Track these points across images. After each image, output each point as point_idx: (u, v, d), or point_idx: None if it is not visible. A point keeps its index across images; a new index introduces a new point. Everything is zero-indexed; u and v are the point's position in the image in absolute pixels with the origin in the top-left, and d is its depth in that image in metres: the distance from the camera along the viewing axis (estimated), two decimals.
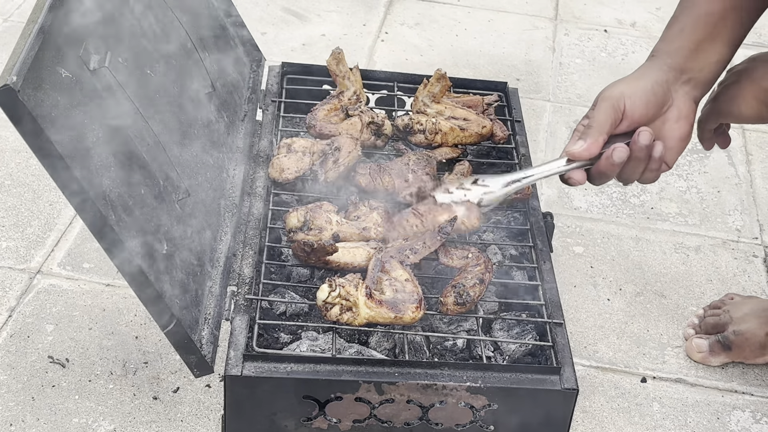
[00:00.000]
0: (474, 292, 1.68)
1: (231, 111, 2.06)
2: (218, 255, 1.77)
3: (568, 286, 2.29)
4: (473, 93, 2.25)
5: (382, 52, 3.14)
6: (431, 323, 1.82)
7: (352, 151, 1.90)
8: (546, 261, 1.86)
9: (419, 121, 2.06)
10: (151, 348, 1.96)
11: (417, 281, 1.71)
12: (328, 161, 1.90)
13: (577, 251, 2.40)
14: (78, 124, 1.35)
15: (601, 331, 2.17)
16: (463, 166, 2.03)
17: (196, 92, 1.88)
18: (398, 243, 1.77)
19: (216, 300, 1.68)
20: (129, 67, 1.59)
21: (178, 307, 1.50)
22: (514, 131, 2.20)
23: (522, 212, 2.03)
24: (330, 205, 1.86)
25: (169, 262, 1.51)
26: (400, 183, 1.92)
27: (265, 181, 1.96)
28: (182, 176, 1.65)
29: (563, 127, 2.95)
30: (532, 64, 3.18)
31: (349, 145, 1.91)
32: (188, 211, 1.66)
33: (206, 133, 1.87)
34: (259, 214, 1.89)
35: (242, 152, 2.03)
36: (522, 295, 1.89)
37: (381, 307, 1.62)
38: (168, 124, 1.68)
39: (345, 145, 1.91)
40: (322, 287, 1.63)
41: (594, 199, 2.63)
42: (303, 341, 1.73)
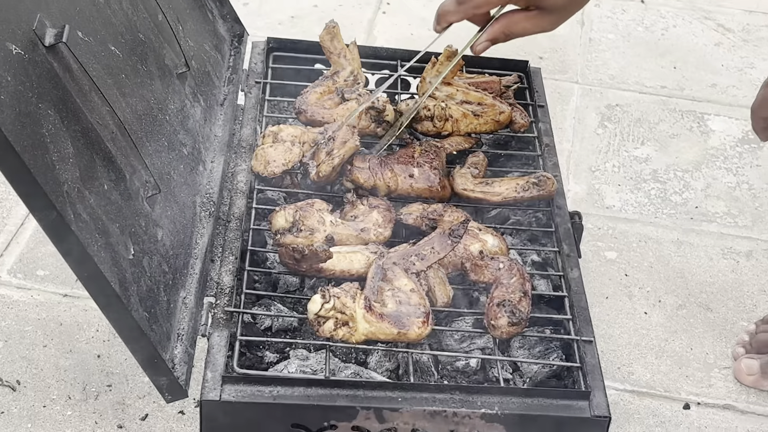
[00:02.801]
0: (524, 307, 1.70)
1: (208, 94, 2.06)
2: (193, 261, 1.77)
3: (599, 297, 2.30)
4: (489, 73, 2.24)
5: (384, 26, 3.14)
6: (440, 340, 1.82)
7: (348, 141, 1.90)
8: (573, 268, 1.86)
9: (427, 106, 2.06)
10: (116, 368, 1.95)
11: (424, 291, 1.71)
12: (320, 152, 1.90)
13: (610, 257, 2.41)
14: (30, 108, 1.34)
15: (638, 349, 2.18)
16: (478, 158, 2.03)
17: (169, 72, 1.87)
18: (402, 248, 1.77)
19: (191, 313, 1.68)
20: (90, 44, 1.58)
21: (147, 321, 1.50)
22: (536, 118, 2.20)
23: (546, 212, 2.02)
24: (323, 203, 1.85)
25: (136, 268, 1.51)
26: (404, 179, 1.92)
27: (247, 175, 1.96)
28: (152, 169, 1.64)
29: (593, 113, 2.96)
30: (558, 40, 3.18)
31: (344, 134, 1.91)
32: (158, 209, 1.65)
33: (180, 119, 1.86)
34: (241, 214, 1.88)
35: (221, 142, 2.03)
36: (545, 307, 1.89)
37: (382, 322, 1.62)
38: (135, 108, 1.67)
39: (340, 133, 1.91)
40: (313, 298, 1.63)
41: (629, 197, 2.64)
42: (292, 361, 1.73)
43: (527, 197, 1.97)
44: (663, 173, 2.85)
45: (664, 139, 3.01)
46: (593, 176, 2.82)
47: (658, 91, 3.19)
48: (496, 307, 1.70)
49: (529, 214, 2.08)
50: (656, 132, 3.04)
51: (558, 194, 2.01)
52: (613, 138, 2.99)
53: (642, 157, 2.93)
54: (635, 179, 2.82)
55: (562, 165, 2.73)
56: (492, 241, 1.85)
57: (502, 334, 1.70)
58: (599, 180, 2.81)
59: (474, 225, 1.89)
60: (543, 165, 2.12)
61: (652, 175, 2.85)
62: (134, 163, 1.59)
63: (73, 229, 1.34)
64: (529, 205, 2.03)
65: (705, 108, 3.13)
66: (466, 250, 1.82)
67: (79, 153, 1.43)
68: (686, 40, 3.41)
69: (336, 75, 2.11)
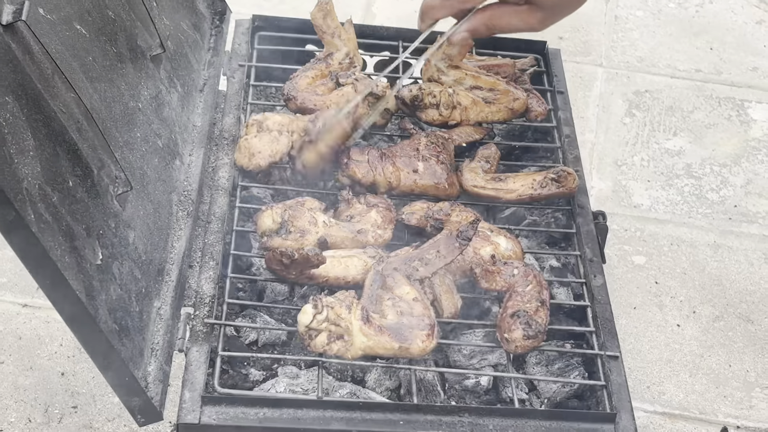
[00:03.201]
0: (540, 318, 1.70)
1: (186, 79, 2.05)
2: (169, 266, 1.77)
3: (626, 307, 2.30)
4: (502, 55, 2.24)
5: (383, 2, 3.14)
6: (447, 355, 1.81)
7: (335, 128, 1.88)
8: (597, 275, 1.86)
9: (432, 92, 2.05)
10: (82, 388, 1.95)
11: (428, 301, 1.71)
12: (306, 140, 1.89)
13: (638, 262, 2.42)
14: None
15: (669, 366, 2.18)
16: (489, 151, 2.02)
17: (141, 54, 1.87)
18: (404, 252, 1.77)
19: (166, 325, 1.68)
20: (53, 22, 1.57)
21: (117, 334, 1.50)
22: (555, 105, 2.20)
23: (566, 211, 2.02)
24: (315, 202, 1.85)
25: (104, 275, 1.50)
26: (407, 174, 1.92)
27: (230, 170, 1.95)
28: (122, 164, 1.63)
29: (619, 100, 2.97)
30: (580, 18, 3.18)
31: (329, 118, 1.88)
32: (130, 208, 1.65)
33: (154, 107, 1.86)
34: (223, 214, 1.88)
35: (201, 132, 2.03)
36: (566, 319, 1.89)
37: (381, 335, 1.62)
38: (104, 95, 1.66)
39: (323, 115, 1.89)
40: (304, 309, 1.62)
41: (659, 194, 2.67)
42: (280, 379, 1.73)
43: (545, 195, 1.97)
44: (698, 168, 2.85)
45: (700, 129, 3.01)
46: (619, 171, 2.83)
47: (693, 76, 3.19)
48: (510, 319, 1.70)
49: (548, 214, 2.07)
50: (690, 121, 3.04)
51: (580, 191, 2.01)
52: (641, 128, 2.99)
53: (674, 149, 2.93)
54: (667, 174, 2.82)
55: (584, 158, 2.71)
56: (505, 244, 1.85)
57: (516, 348, 1.70)
58: (626, 175, 2.81)
59: (485, 226, 1.89)
60: (563, 158, 2.12)
61: (686, 170, 2.86)
62: (103, 157, 1.59)
63: (34, 230, 1.33)
64: (548, 203, 2.02)
65: (745, 94, 3.13)
66: (476, 254, 1.82)
67: (40, 145, 1.42)
68: (724, 17, 3.40)
69: (329, 57, 2.11)
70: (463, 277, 1.84)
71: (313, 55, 2.22)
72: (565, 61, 2.37)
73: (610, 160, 2.86)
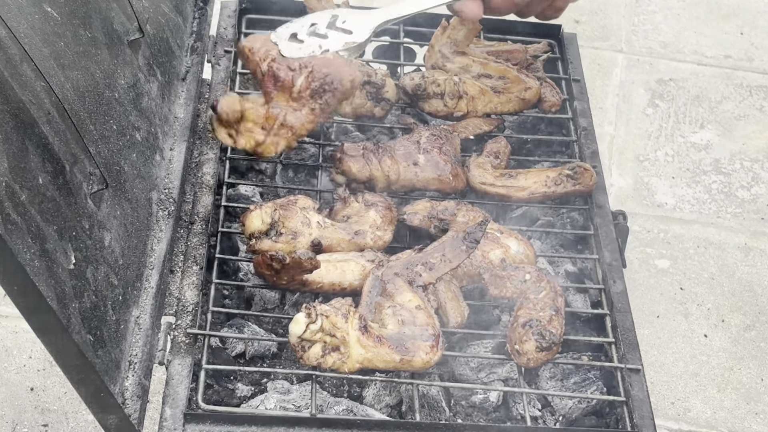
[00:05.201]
0: (555, 328, 1.71)
1: (167, 66, 2.05)
2: (149, 271, 1.76)
3: (649, 315, 2.32)
4: (513, 41, 2.24)
5: None
6: (452, 369, 1.81)
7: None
8: (617, 280, 1.86)
9: (436, 81, 2.05)
10: (53, 404, 1.95)
11: (432, 309, 1.70)
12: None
13: (662, 266, 2.43)
14: None
15: (696, 380, 2.18)
16: (499, 145, 2.03)
17: (118, 39, 1.86)
18: (406, 255, 1.77)
19: (145, 335, 1.67)
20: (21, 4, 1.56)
21: (91, 345, 1.49)
22: (571, 95, 2.20)
23: (582, 211, 2.02)
24: (308, 200, 1.85)
25: (78, 281, 1.50)
26: (406, 167, 1.91)
27: (215, 165, 1.95)
28: (97, 159, 1.63)
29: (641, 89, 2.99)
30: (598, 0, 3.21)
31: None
32: (106, 208, 1.65)
33: (132, 97, 1.86)
34: (207, 213, 1.88)
35: (183, 125, 2.02)
36: (582, 328, 1.88)
37: (381, 346, 1.62)
38: (77, 84, 1.66)
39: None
40: (296, 318, 1.62)
41: (685, 192, 2.68)
42: (270, 395, 1.73)
43: (560, 192, 1.97)
44: (727, 163, 2.86)
45: (729, 121, 3.02)
46: (641, 167, 2.83)
47: (721, 63, 3.19)
48: (522, 329, 1.71)
49: (563, 214, 2.07)
50: (718, 113, 3.05)
51: (598, 189, 2.01)
52: (665, 120, 3.00)
53: (701, 143, 2.94)
54: (693, 171, 2.83)
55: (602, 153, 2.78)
56: (516, 247, 1.85)
57: (528, 361, 1.70)
58: (649, 172, 2.82)
59: (494, 227, 1.89)
60: (579, 153, 2.12)
61: (714, 166, 2.87)
62: (76, 152, 1.58)
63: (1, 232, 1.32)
64: (563, 202, 2.03)
65: None
66: (485, 257, 1.82)
67: (7, 139, 1.42)
68: None
69: None
70: (470, 283, 1.84)
71: None
72: (582, 47, 2.36)
73: (631, 155, 2.87)
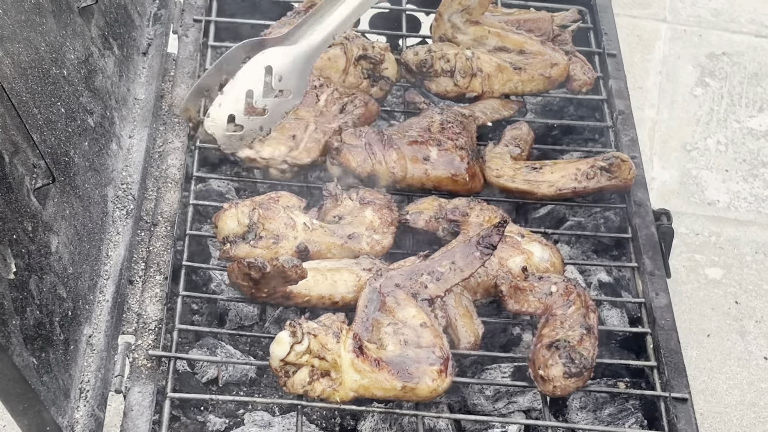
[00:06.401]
0: (586, 350, 1.66)
1: (125, 38, 2.03)
2: (103, 282, 1.73)
3: (698, 334, 2.24)
4: (536, 7, 2.21)
5: None
6: (464, 397, 1.76)
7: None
8: (659, 293, 1.81)
9: (444, 56, 2.01)
10: None
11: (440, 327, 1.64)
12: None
13: (713, 276, 2.34)
14: None
15: (754, 411, 2.12)
16: (520, 132, 1.99)
17: (67, 6, 1.82)
18: (409, 263, 1.71)
19: (100, 358, 1.63)
20: None
21: (35, 369, 1.45)
22: (605, 72, 2.18)
23: (619, 210, 1.98)
24: (293, 198, 1.81)
25: (18, 293, 1.46)
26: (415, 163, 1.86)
27: (182, 155, 1.92)
28: (42, 148, 1.59)
29: (688, 66, 2.88)
30: None
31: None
32: (52, 207, 1.61)
33: (83, 75, 1.82)
34: (173, 213, 1.84)
35: (144, 108, 2.00)
36: (619, 350, 1.83)
37: (380, 371, 1.57)
38: (18, 59, 1.61)
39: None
40: (279, 337, 1.57)
41: (741, 188, 2.59)
42: (248, 428, 1.69)
43: (592, 188, 1.91)
44: None
45: None
46: (688, 158, 2.80)
47: None
48: (547, 351, 1.64)
49: (596, 214, 2.01)
50: None
51: (637, 184, 1.95)
52: (717, 102, 2.98)
53: (760, 129, 2.91)
54: (750, 162, 2.80)
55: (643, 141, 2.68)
56: (540, 253, 1.80)
57: (555, 389, 1.64)
58: (697, 163, 2.78)
59: (513, 229, 1.82)
60: (615, 142, 2.06)
61: None
62: (16, 139, 1.54)
63: None
64: (595, 199, 1.97)
65: None
66: (503, 266, 1.76)
67: None
68: None
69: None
70: (485, 296, 1.80)
71: (291, 8, 2.18)
72: (618, 15, 2.32)
73: (677, 144, 2.79)
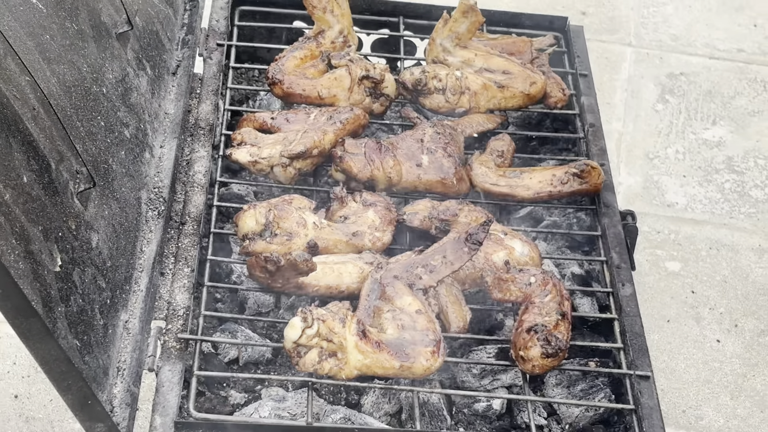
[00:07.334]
0: (561, 333, 1.71)
1: (157, 60, 2.06)
2: (138, 274, 1.77)
3: (659, 320, 2.30)
4: (517, 34, 2.25)
5: None
6: (454, 375, 1.82)
7: None
8: (625, 283, 1.87)
9: (437, 75, 2.05)
10: (38, 412, 1.96)
11: (433, 313, 1.71)
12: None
13: (672, 268, 2.42)
14: None
15: (708, 387, 2.18)
16: (503, 142, 2.03)
17: (106, 32, 1.87)
18: (406, 257, 1.78)
19: (134, 341, 1.68)
20: None
21: (78, 351, 1.49)
22: (577, 90, 2.21)
23: (590, 211, 2.03)
24: (304, 200, 1.86)
25: (64, 283, 1.50)
26: (409, 168, 1.92)
27: (207, 163, 1.96)
28: (84, 157, 1.63)
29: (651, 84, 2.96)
30: None
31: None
32: (93, 208, 1.65)
33: (120, 92, 1.86)
34: (199, 214, 1.88)
35: (173, 121, 2.03)
36: (590, 333, 1.89)
37: (380, 352, 1.63)
38: (63, 78, 1.66)
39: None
40: (292, 322, 1.63)
41: (696, 191, 2.66)
42: (264, 402, 1.73)
43: (566, 192, 1.98)
44: (740, 161, 2.85)
45: (742, 117, 3.01)
46: (651, 165, 2.83)
47: (734, 56, 3.19)
48: (527, 334, 1.71)
49: (569, 214, 2.07)
50: (731, 108, 3.04)
51: (606, 188, 2.01)
52: (676, 116, 2.99)
53: (713, 140, 2.93)
54: (705, 169, 2.82)
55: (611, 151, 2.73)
56: (521, 249, 1.86)
57: (534, 368, 1.71)
58: (659, 170, 2.82)
59: (498, 228, 1.88)
60: (587, 151, 2.13)
61: (727, 164, 2.85)
62: (62, 149, 1.58)
63: None
64: (569, 202, 2.03)
65: None
66: (488, 260, 1.82)
67: None
68: None
69: (321, 35, 2.12)
70: (472, 286, 1.84)
71: (302, 33, 2.23)
72: (589, 40, 2.38)
73: (641, 153, 2.86)
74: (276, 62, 2.08)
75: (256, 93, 2.21)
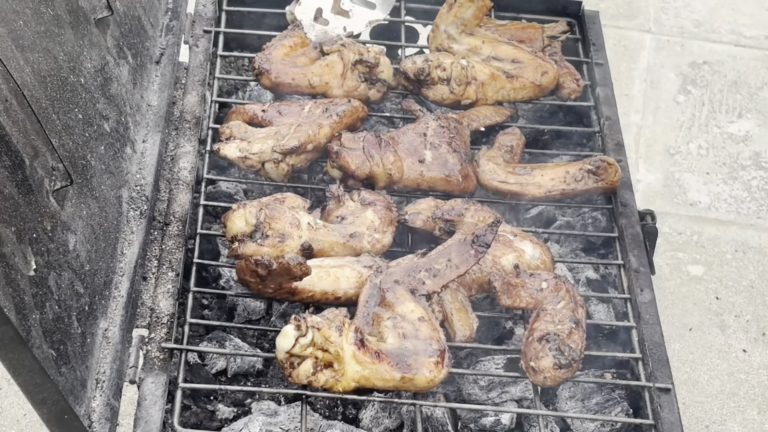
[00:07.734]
0: (575, 343, 1.69)
1: (139, 48, 2.05)
2: (118, 278, 1.76)
3: (680, 328, 2.27)
4: (528, 19, 2.25)
5: None
6: (460, 388, 1.80)
7: None
8: (644, 289, 1.85)
9: (441, 65, 2.04)
10: (11, 428, 1.93)
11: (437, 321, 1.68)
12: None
13: (695, 273, 2.39)
14: None
15: (733, 400, 2.16)
16: (512, 137, 2.03)
17: (84, 17, 1.85)
18: (407, 260, 1.75)
19: (115, 351, 1.66)
20: None
21: (54, 361, 1.47)
22: (592, 80, 2.21)
23: (605, 211, 2.02)
24: (298, 199, 1.85)
25: (39, 289, 1.49)
26: (411, 164, 1.91)
27: (193, 159, 1.95)
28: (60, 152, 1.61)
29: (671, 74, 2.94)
30: None
31: None
32: (70, 207, 1.63)
33: (99, 83, 1.85)
34: (184, 213, 1.87)
35: (157, 114, 2.03)
36: (606, 343, 1.87)
37: (380, 363, 1.60)
38: (38, 67, 1.64)
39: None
40: (285, 330, 1.60)
41: (721, 190, 2.63)
42: (255, 417, 1.72)
43: (580, 190, 1.95)
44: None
45: None
46: (672, 161, 2.84)
47: (762, 44, 3.20)
48: (538, 343, 1.68)
49: (584, 214, 2.05)
50: (759, 100, 3.05)
51: (623, 186, 1.99)
52: (699, 108, 3.01)
53: (739, 134, 2.94)
54: (730, 165, 2.84)
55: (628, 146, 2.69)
56: (531, 251, 1.83)
57: (545, 379, 1.67)
58: (680, 166, 2.81)
59: (506, 229, 1.86)
60: (603, 146, 2.10)
61: (754, 160, 2.82)
62: (36, 144, 1.56)
63: None
64: (583, 201, 2.01)
65: None
66: (496, 263, 1.79)
67: None
68: None
69: None
70: (479, 291, 1.82)
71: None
72: (605, 26, 2.36)
73: (661, 148, 2.84)
74: (263, 51, 2.08)
75: (245, 83, 2.20)
